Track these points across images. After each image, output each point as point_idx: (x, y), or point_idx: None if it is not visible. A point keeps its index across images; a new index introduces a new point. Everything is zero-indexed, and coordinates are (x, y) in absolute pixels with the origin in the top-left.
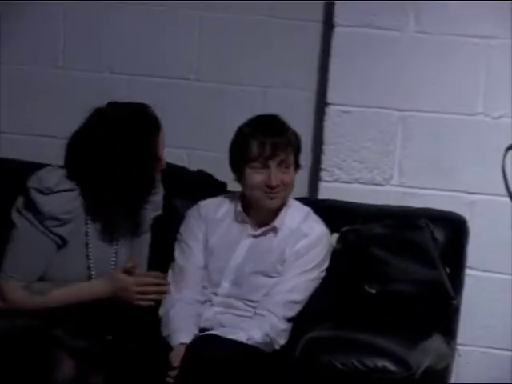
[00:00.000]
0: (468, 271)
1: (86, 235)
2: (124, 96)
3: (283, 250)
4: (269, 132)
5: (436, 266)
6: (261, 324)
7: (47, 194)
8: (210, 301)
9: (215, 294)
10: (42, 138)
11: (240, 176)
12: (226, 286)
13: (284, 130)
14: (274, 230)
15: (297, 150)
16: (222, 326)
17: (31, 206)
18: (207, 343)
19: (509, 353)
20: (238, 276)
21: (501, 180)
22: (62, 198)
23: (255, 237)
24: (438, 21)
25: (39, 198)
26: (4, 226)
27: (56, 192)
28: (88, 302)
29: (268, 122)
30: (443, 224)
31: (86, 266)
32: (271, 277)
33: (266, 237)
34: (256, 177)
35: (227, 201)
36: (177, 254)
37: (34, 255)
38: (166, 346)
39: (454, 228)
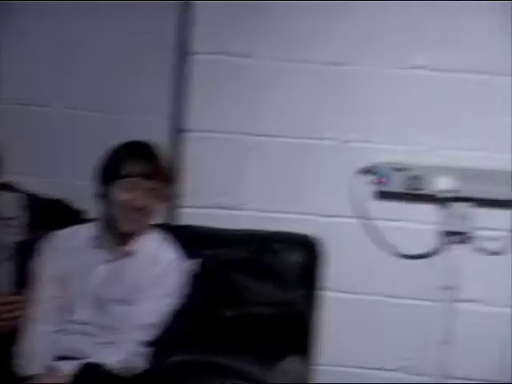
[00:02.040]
0: (328, 293)
1: None
2: None
3: (140, 277)
4: (147, 155)
5: (291, 287)
6: (117, 351)
7: None
8: (66, 330)
9: (73, 323)
10: None
11: (105, 193)
12: (84, 313)
13: (158, 158)
14: (129, 254)
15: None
16: (81, 354)
17: None
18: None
19: (371, 371)
20: (97, 303)
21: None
22: None
23: (111, 262)
24: (284, 47)
25: None
26: None
27: None
28: None
29: (144, 147)
30: (298, 247)
31: None
32: (130, 304)
33: (121, 262)
34: (124, 195)
35: (84, 228)
36: (30, 285)
37: None
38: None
39: (309, 250)
